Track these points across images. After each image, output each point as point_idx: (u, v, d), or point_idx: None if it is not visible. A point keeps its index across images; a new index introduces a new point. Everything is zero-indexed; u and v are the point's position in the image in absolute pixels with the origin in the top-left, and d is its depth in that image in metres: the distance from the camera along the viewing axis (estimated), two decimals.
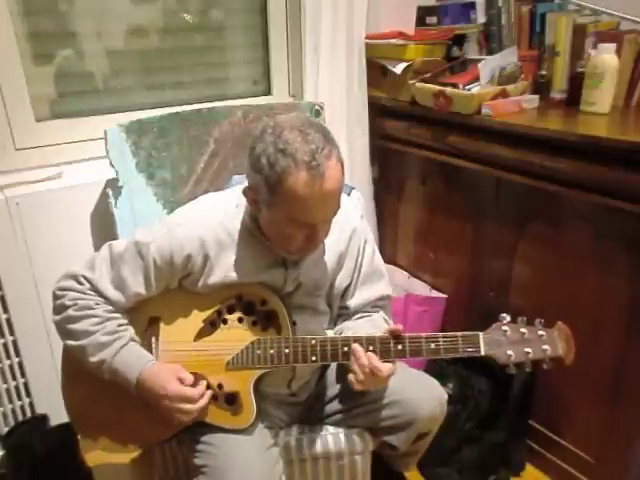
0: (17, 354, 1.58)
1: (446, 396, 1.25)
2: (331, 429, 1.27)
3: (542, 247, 1.54)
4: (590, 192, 1.34)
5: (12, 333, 1.55)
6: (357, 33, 1.80)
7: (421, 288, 1.94)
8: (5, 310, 1.53)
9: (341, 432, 1.26)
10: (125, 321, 1.12)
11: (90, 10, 1.59)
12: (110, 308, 1.10)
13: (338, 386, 1.29)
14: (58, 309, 1.10)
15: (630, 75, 1.55)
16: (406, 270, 2.04)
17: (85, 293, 1.09)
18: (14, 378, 1.60)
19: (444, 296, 1.90)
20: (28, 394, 1.63)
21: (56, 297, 1.11)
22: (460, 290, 1.85)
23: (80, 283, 1.09)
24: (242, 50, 1.90)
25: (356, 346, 1.05)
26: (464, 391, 1.63)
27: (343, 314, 1.25)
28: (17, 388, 1.61)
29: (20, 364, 1.59)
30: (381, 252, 1.30)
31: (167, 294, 1.14)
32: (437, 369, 1.69)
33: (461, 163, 1.65)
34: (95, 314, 1.08)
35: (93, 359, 1.07)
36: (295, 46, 1.86)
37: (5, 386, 1.59)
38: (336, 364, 1.31)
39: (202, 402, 1.07)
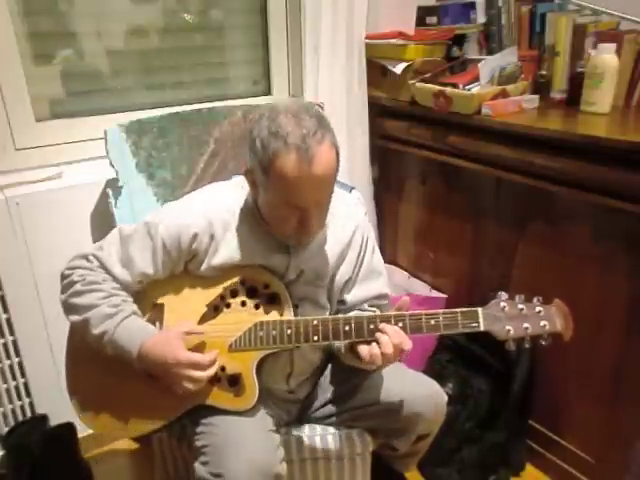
0: (17, 354, 1.58)
1: (446, 398, 1.25)
2: (331, 429, 1.27)
3: (542, 247, 1.54)
4: (590, 192, 1.34)
5: (12, 333, 1.55)
6: (357, 33, 1.80)
7: (421, 288, 1.94)
8: (5, 310, 1.53)
9: (341, 432, 1.26)
10: (130, 299, 1.13)
11: (90, 10, 1.59)
12: (117, 285, 1.11)
13: (338, 386, 1.28)
14: (66, 287, 1.11)
15: (630, 75, 1.56)
16: (406, 270, 2.04)
17: (93, 270, 1.11)
18: (14, 378, 1.60)
19: (444, 296, 1.89)
20: (28, 394, 1.63)
21: (64, 277, 1.12)
22: (460, 290, 1.85)
23: (89, 261, 1.12)
24: (242, 50, 1.90)
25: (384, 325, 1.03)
26: (464, 391, 1.63)
27: (341, 310, 1.25)
28: (17, 388, 1.61)
29: (20, 364, 1.59)
30: (381, 252, 1.30)
31: (171, 280, 1.15)
32: (437, 369, 1.70)
33: (461, 163, 1.65)
34: (101, 289, 1.09)
35: (96, 331, 1.07)
36: (295, 46, 1.86)
37: (5, 386, 1.59)
38: (335, 364, 1.31)
39: (211, 371, 1.07)
